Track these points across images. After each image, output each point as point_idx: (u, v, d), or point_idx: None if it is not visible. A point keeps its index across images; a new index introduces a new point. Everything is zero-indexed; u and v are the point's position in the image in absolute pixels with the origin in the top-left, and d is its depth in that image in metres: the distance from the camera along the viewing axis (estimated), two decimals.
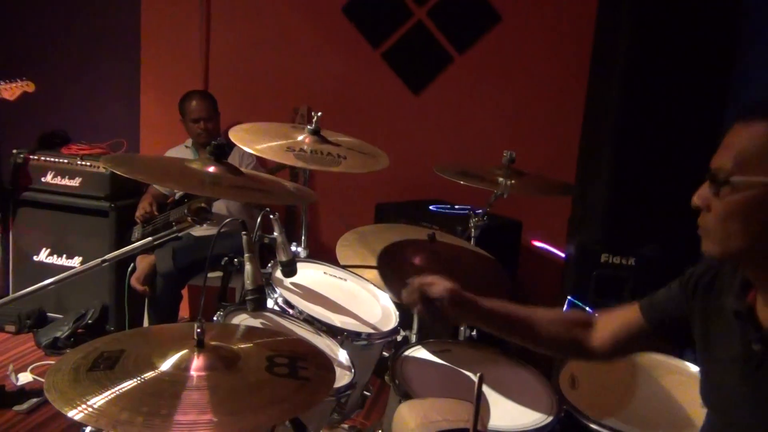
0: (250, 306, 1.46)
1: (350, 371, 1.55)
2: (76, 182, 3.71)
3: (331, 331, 1.71)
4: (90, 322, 3.66)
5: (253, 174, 1.58)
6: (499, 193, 2.34)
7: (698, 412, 1.81)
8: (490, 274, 2.17)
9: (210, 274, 3.29)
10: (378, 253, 2.04)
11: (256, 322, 1.60)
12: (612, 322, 1.46)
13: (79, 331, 3.61)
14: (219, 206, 3.22)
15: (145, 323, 3.31)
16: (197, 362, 1.05)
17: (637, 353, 2.08)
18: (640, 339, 1.40)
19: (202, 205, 1.34)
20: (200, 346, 1.05)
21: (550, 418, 1.73)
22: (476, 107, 3.61)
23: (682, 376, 2.00)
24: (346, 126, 2.78)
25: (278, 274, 1.80)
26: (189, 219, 1.36)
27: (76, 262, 3.76)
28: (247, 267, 1.46)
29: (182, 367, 1.04)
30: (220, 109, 3.58)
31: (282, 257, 1.73)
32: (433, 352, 1.98)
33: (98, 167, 3.67)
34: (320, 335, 1.68)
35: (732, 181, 1.08)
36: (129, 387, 1.00)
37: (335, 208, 3.71)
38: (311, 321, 1.70)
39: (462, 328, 2.39)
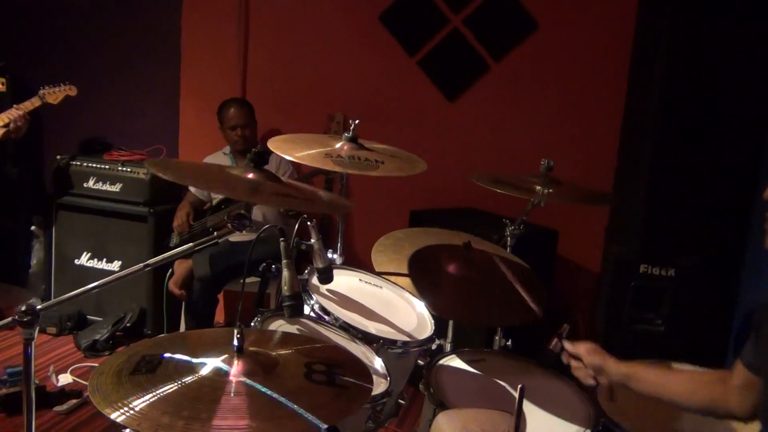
0: (287, 312, 1.47)
1: (386, 379, 1.55)
2: (116, 188, 3.80)
3: (367, 338, 1.71)
4: (128, 325, 3.73)
5: (291, 182, 1.60)
6: (536, 202, 2.31)
7: (741, 426, 1.77)
8: (525, 284, 2.14)
9: (247, 280, 3.34)
10: (409, 257, 2.04)
11: (293, 329, 1.61)
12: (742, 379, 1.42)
13: (118, 333, 3.67)
14: (255, 213, 3.26)
15: (182, 327, 3.36)
16: (237, 367, 1.06)
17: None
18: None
19: (242, 211, 1.36)
20: (240, 351, 1.06)
21: (588, 431, 1.70)
22: (512, 115, 3.58)
23: None
24: (382, 133, 2.79)
25: (314, 280, 1.81)
26: (228, 225, 1.37)
27: (115, 265, 3.84)
28: (285, 273, 1.47)
29: (222, 372, 1.05)
30: (257, 117, 3.62)
31: (318, 264, 1.74)
32: (468, 362, 1.97)
33: (138, 173, 3.75)
34: (356, 342, 1.68)
35: None
36: (170, 391, 1.02)
37: (370, 214, 3.72)
38: (347, 328, 1.70)
39: (497, 338, 2.37)
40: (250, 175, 1.41)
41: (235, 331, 1.07)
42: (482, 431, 0.96)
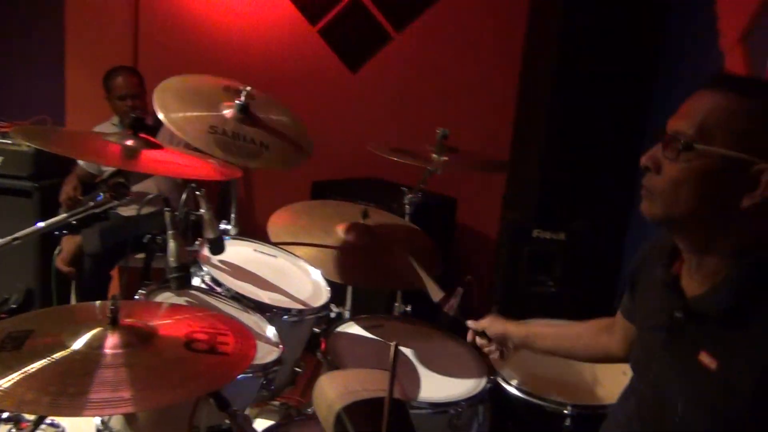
0: (173, 284, 1.42)
1: (278, 347, 1.54)
2: None
3: (260, 307, 1.68)
4: (14, 306, 3.52)
5: (176, 150, 1.52)
6: (433, 170, 2.35)
7: (620, 380, 1.89)
8: (422, 250, 2.18)
9: (138, 255, 3.21)
10: (306, 228, 2.03)
11: (181, 301, 1.56)
12: (621, 327, 1.49)
13: (2, 316, 3.46)
14: (149, 185, 3.12)
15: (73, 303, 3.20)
16: (111, 340, 1.01)
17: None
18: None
19: (121, 180, 1.29)
20: (114, 323, 1.02)
21: (479, 389, 1.76)
22: (413, 86, 3.61)
23: None
24: (281, 102, 2.73)
25: (206, 251, 1.76)
26: (107, 195, 1.30)
27: None
28: (171, 244, 1.42)
29: (95, 345, 1.00)
30: (150, 86, 3.44)
31: (209, 234, 1.69)
32: (366, 328, 1.99)
33: (20, 145, 3.50)
34: (248, 312, 1.65)
35: (696, 148, 1.06)
36: (38, 367, 0.96)
37: (272, 185, 3.67)
38: (239, 298, 1.67)
39: (396, 304, 2.40)
40: (129, 142, 1.33)
41: (109, 304, 1.02)
42: (364, 389, 0.96)
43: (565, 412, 1.70)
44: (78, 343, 1.01)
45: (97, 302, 1.14)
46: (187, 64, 3.71)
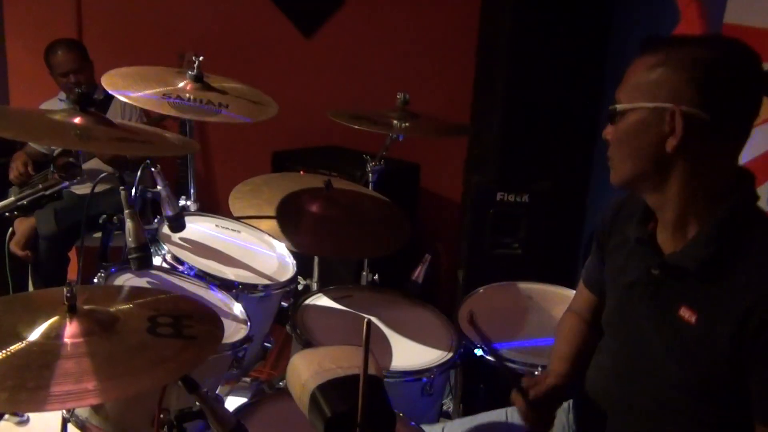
0: (133, 265, 1.37)
1: (246, 324, 1.51)
2: None
3: (225, 285, 1.65)
4: None
5: (128, 125, 1.45)
6: (394, 136, 2.32)
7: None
8: (388, 218, 2.16)
9: (95, 234, 3.12)
10: (268, 201, 1.99)
11: (143, 282, 1.51)
12: (589, 307, 1.48)
13: None
14: (100, 163, 3.01)
15: (31, 288, 3.10)
16: (70, 329, 0.96)
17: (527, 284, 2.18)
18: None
19: (70, 159, 1.22)
20: (72, 311, 0.97)
21: (450, 354, 1.77)
22: (369, 50, 3.54)
23: None
24: (235, 72, 2.64)
25: (165, 229, 1.71)
26: (56, 175, 1.24)
27: None
28: (128, 224, 1.37)
29: (53, 335, 0.95)
30: (96, 57, 3.31)
31: (168, 212, 1.63)
32: (335, 299, 1.98)
33: None
34: (214, 291, 1.61)
35: (619, 110, 1.14)
36: None
37: (231, 157, 3.58)
38: (202, 276, 1.63)
39: (364, 273, 2.39)
40: (77, 120, 1.26)
41: (65, 290, 0.97)
42: (338, 367, 0.95)
43: (536, 373, 1.72)
44: (35, 334, 0.96)
45: (53, 289, 1.08)
46: (135, 34, 3.57)
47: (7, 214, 3.04)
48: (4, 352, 0.94)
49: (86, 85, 3.24)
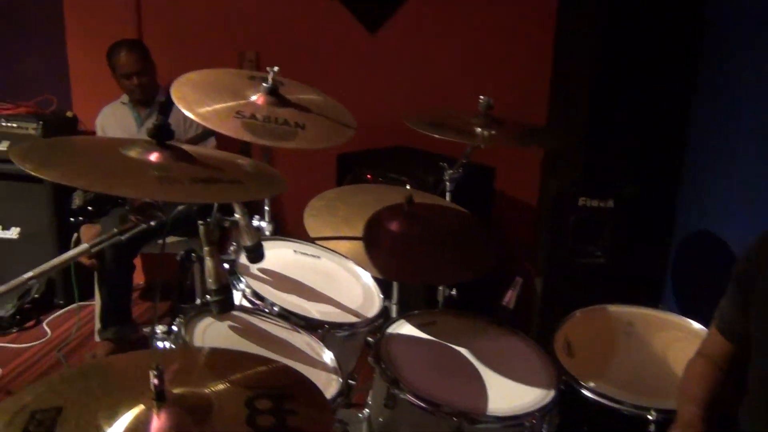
0: (215, 309, 1.25)
1: (337, 375, 1.37)
2: (3, 146, 3.36)
3: (311, 325, 1.52)
4: (36, 296, 3.42)
5: (204, 154, 1.30)
6: (477, 145, 2.15)
7: None
8: (472, 235, 2.00)
9: (169, 239, 3.05)
10: (346, 219, 1.85)
11: (224, 326, 1.39)
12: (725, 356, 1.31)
13: (26, 307, 3.37)
14: None
15: (96, 297, 3.07)
16: (158, 421, 0.83)
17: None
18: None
19: (148, 200, 1.11)
20: (161, 399, 0.84)
21: (551, 393, 1.60)
22: (437, 45, 3.35)
23: (679, 332, 1.91)
24: (299, 72, 2.50)
25: (243, 259, 1.59)
26: (134, 219, 1.13)
27: (14, 233, 3.47)
28: (208, 263, 1.24)
29: (140, 430, 0.83)
30: (158, 57, 3.23)
31: (246, 241, 1.51)
32: (418, 326, 1.83)
33: (27, 128, 3.34)
34: (298, 332, 1.49)
35: None
36: None
37: (293, 161, 3.46)
38: (286, 316, 1.50)
39: (440, 288, 2.24)
40: (154, 156, 1.13)
41: (152, 375, 0.83)
42: None
43: (649, 417, 1.54)
44: (117, 427, 0.83)
45: (134, 355, 0.95)
46: (196, 33, 3.48)
47: (72, 219, 3.02)
48: None
49: (149, 87, 3.18)
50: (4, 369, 2.90)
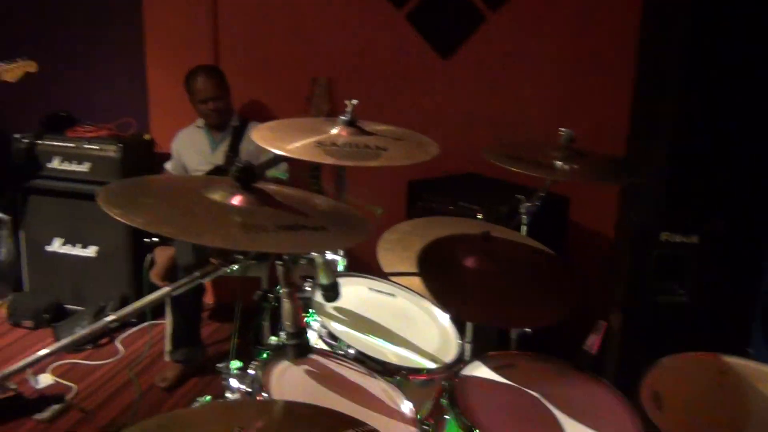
0: (290, 353, 1.22)
1: (414, 425, 1.32)
2: (85, 167, 3.51)
3: (388, 371, 1.47)
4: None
5: (283, 194, 1.27)
6: (557, 179, 2.08)
7: None
8: (551, 274, 1.92)
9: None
10: (420, 254, 1.80)
11: (300, 371, 1.36)
12: None
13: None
14: None
15: (167, 318, 3.13)
16: None
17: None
18: None
19: None
20: None
21: None
22: (512, 71, 3.29)
23: None
24: (370, 97, 2.49)
25: (318, 298, 1.56)
26: (215, 262, 1.11)
27: (92, 251, 3.59)
28: (285, 305, 1.22)
29: None
30: (232, 82, 3.30)
31: (323, 279, 1.48)
32: (495, 369, 1.75)
33: (107, 150, 3.47)
34: (375, 377, 1.44)
35: None
36: None
37: (363, 187, 3.44)
38: (362, 360, 1.46)
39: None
40: (236, 200, 1.11)
41: None
42: None
43: None
44: None
45: (209, 405, 0.92)
46: (270, 59, 3.54)
47: (146, 240, 3.09)
48: None
49: (224, 112, 3.24)
50: (79, 386, 2.97)
